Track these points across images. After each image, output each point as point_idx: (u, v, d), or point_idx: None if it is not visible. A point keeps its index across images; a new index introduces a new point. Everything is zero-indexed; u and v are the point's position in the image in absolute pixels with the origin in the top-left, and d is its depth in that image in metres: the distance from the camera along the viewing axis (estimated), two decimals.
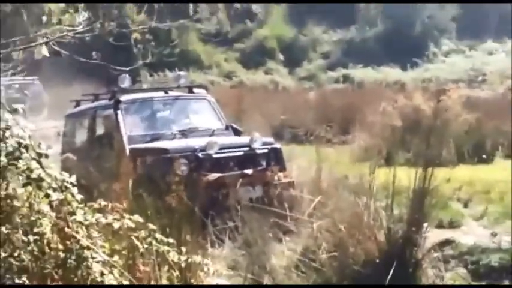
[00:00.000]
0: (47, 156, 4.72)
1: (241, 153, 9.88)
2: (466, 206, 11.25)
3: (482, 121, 18.34)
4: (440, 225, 9.33)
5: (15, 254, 4.53)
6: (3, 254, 4.46)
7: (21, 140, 4.69)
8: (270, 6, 46.59)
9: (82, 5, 11.71)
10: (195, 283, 5.28)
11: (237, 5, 42.09)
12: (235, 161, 9.72)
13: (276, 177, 9.44)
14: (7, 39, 8.92)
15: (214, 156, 9.59)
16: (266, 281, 6.91)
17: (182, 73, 29.40)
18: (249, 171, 9.57)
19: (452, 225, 9.92)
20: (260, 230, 7.53)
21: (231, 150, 9.89)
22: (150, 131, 10.54)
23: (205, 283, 5.21)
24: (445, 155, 15.53)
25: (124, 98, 11.09)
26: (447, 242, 8.57)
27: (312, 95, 27.74)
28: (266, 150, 10.04)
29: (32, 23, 9.69)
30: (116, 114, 10.63)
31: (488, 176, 13.50)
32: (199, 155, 9.51)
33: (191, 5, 13.48)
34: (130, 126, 10.49)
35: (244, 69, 40.93)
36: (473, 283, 7.49)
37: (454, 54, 44.44)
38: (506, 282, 7.48)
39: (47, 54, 11.03)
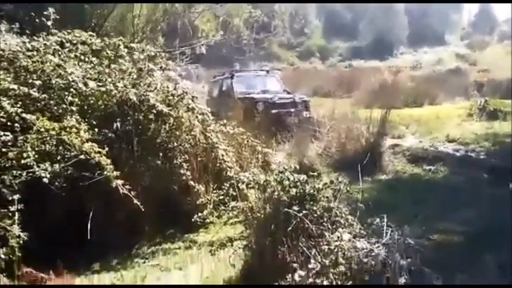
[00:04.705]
0: (196, 97, 4.67)
1: (289, 101, 9.74)
2: (407, 128, 10.69)
3: (417, 86, 17.48)
4: (392, 137, 8.94)
5: (182, 143, 4.53)
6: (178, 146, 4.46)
7: (184, 89, 4.64)
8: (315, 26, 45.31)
9: (219, 25, 11.55)
10: (268, 160, 5.18)
11: (296, 26, 41.04)
12: (287, 105, 9.58)
13: (303, 113, 9.42)
14: (181, 43, 8.91)
15: (277, 102, 9.54)
16: (305, 161, 6.75)
17: (265, 63, 28.96)
18: (292, 110, 9.49)
19: (399, 137, 9.48)
20: (302, 136, 7.41)
21: (284, 99, 9.77)
22: (247, 89, 10.44)
23: (273, 162, 5.09)
24: (397, 103, 14.87)
25: (236, 73, 11.14)
26: (396, 145, 8.25)
27: (333, 73, 26.75)
28: (301, 101, 9.92)
29: (193, 35, 9.63)
30: (232, 81, 10.67)
31: (419, 113, 12.86)
32: (270, 101, 9.48)
33: (272, 25, 13.41)
34: (238, 87, 10.46)
35: (299, 61, 39.86)
36: (408, 166, 7.11)
37: (405, 53, 42.25)
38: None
39: (204, 51, 11.03)
